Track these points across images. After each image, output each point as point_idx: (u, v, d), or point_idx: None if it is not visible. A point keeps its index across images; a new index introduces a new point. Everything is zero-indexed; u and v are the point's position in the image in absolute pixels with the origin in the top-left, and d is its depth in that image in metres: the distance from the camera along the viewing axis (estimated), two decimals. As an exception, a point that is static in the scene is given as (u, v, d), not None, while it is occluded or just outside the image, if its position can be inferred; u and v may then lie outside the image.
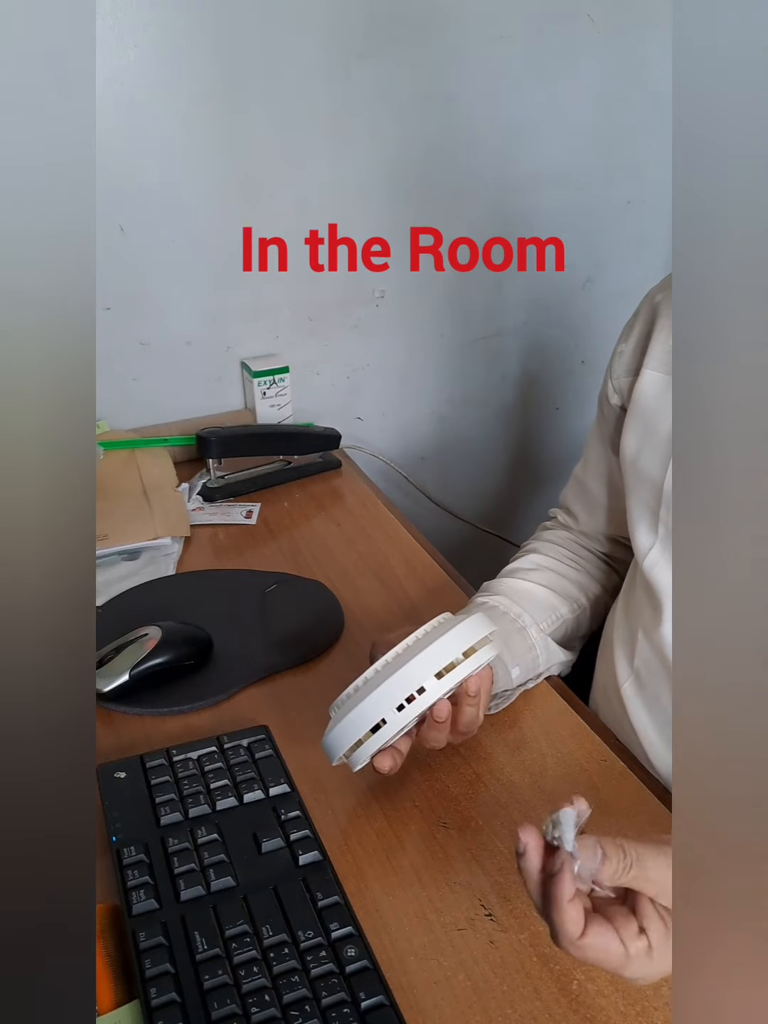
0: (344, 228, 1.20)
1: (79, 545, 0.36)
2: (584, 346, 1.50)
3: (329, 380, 1.32)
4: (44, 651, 0.35)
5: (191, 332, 1.18)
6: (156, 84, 1.02)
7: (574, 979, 0.52)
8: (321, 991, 0.48)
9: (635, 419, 0.73)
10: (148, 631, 0.76)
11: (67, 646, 0.35)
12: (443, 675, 0.57)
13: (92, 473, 0.39)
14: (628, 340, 0.76)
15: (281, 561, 0.95)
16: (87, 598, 0.37)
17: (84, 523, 0.36)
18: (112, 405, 1.16)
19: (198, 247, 1.13)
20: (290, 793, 0.62)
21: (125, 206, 1.06)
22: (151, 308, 1.14)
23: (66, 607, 0.35)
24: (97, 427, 1.16)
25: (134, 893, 0.54)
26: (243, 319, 1.21)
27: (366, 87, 1.13)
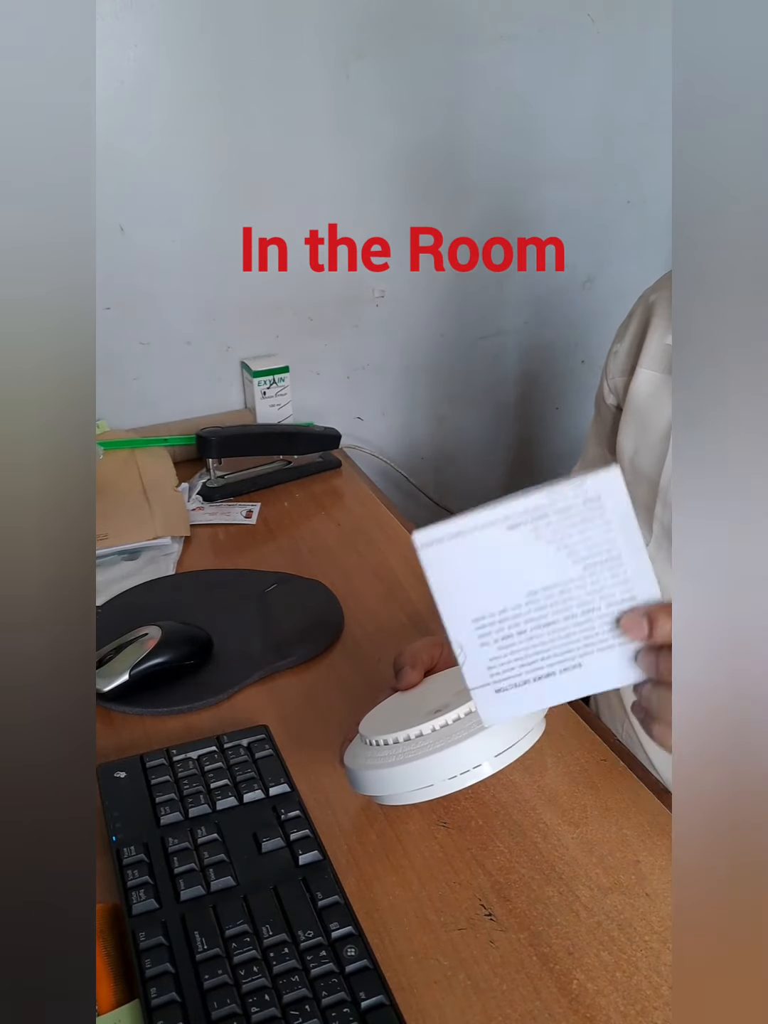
0: (344, 228, 1.20)
1: (79, 545, 0.36)
2: (584, 345, 1.50)
3: (329, 380, 1.32)
4: (44, 651, 0.35)
5: (191, 332, 1.18)
6: (156, 84, 1.02)
7: (574, 979, 0.52)
8: (321, 991, 0.48)
9: (631, 418, 0.73)
10: (148, 631, 0.76)
11: (67, 646, 0.35)
12: (501, 754, 0.55)
13: (92, 473, 0.39)
14: (623, 340, 0.76)
15: (281, 561, 0.95)
16: (87, 598, 0.37)
17: (84, 523, 0.36)
18: (112, 405, 1.16)
19: (198, 247, 1.13)
20: (290, 793, 0.62)
21: (125, 206, 1.06)
22: (151, 308, 1.14)
23: (66, 607, 0.35)
24: (97, 427, 1.16)
25: (134, 893, 0.54)
26: (243, 319, 1.21)
27: (366, 87, 1.13)
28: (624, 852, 0.59)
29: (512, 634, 0.50)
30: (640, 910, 0.55)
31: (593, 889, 0.57)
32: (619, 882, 0.57)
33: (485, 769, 0.55)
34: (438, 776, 0.54)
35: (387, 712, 0.62)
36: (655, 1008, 0.50)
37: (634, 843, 0.60)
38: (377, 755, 0.56)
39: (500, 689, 0.51)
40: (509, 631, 0.50)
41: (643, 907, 0.56)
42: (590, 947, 0.53)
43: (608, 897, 0.56)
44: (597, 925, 0.55)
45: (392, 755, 0.56)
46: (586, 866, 0.58)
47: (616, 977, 0.52)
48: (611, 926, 0.54)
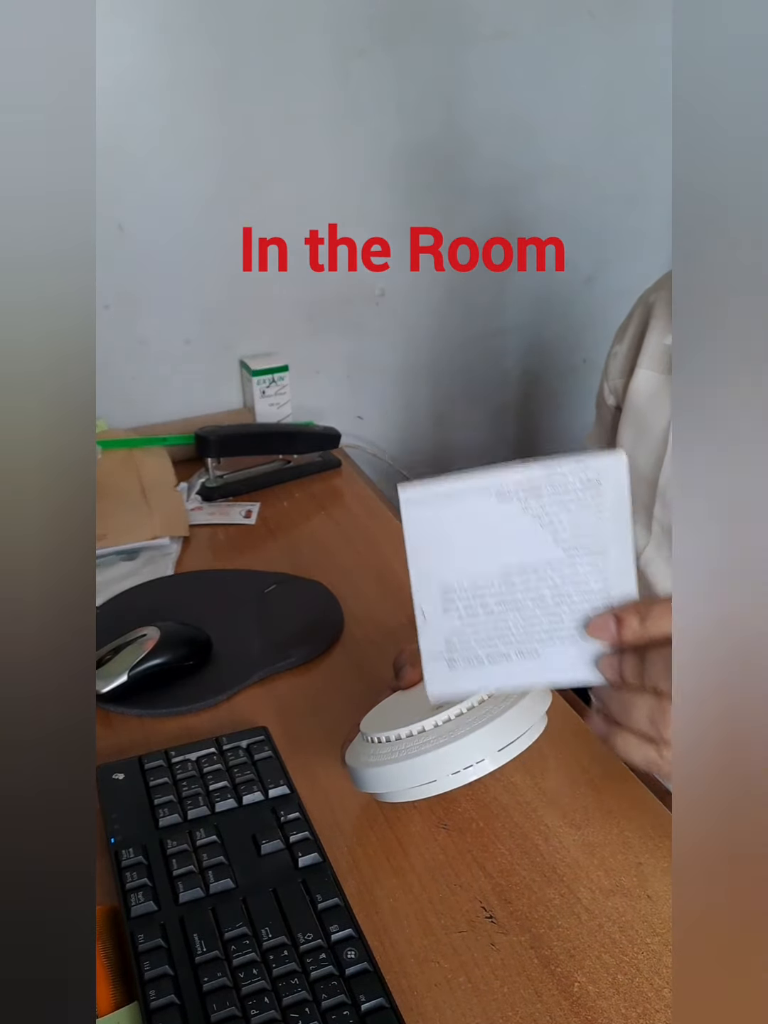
0: (344, 228, 1.20)
1: (79, 545, 0.36)
2: (585, 344, 1.50)
3: (329, 379, 1.31)
4: (44, 651, 0.34)
5: (190, 331, 1.18)
6: (156, 83, 1.02)
7: (575, 981, 0.51)
8: (321, 993, 0.48)
9: (630, 418, 0.73)
10: (147, 631, 0.75)
11: (67, 646, 0.35)
12: (503, 749, 0.55)
13: (92, 473, 0.39)
14: (623, 341, 0.77)
15: (281, 561, 0.95)
16: (87, 598, 0.37)
17: (84, 523, 0.36)
18: (111, 404, 1.16)
19: (198, 247, 1.13)
20: (290, 795, 0.62)
21: (125, 206, 1.06)
22: (151, 307, 1.14)
23: (66, 607, 0.35)
24: (96, 426, 1.15)
25: (133, 895, 0.54)
26: (242, 318, 1.21)
27: (366, 85, 1.13)
28: (626, 854, 0.59)
29: (478, 610, 0.49)
30: (642, 912, 0.55)
31: (595, 891, 0.57)
32: (621, 884, 0.57)
33: (487, 764, 0.55)
34: (441, 772, 0.54)
35: (388, 711, 0.62)
36: (657, 1011, 0.50)
37: (636, 845, 0.60)
38: (379, 752, 0.56)
39: (452, 662, 0.50)
40: (475, 606, 0.49)
41: (645, 909, 0.55)
42: (591, 949, 0.53)
43: (610, 899, 0.56)
44: (599, 927, 0.54)
45: (394, 751, 0.55)
46: (587, 868, 0.58)
47: (618, 979, 0.51)
48: (613, 928, 0.54)
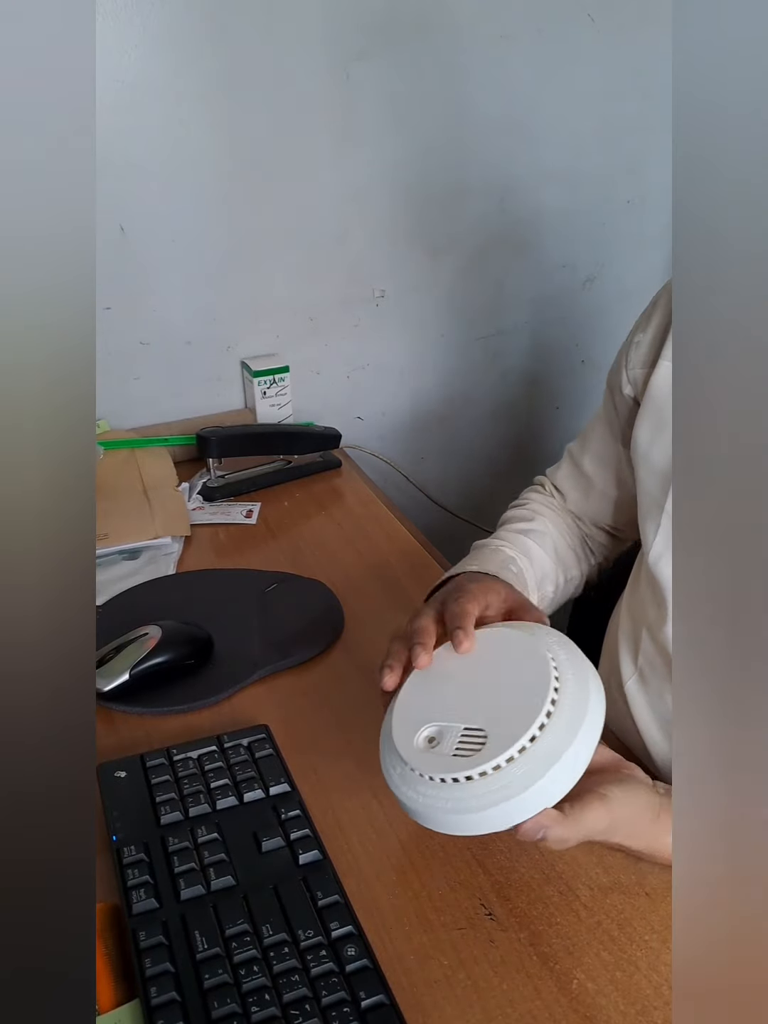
0: (344, 229, 1.20)
1: (79, 544, 0.36)
2: (584, 345, 1.50)
3: (329, 380, 1.32)
4: (44, 650, 0.35)
5: (191, 332, 1.18)
6: (156, 84, 1.02)
7: (574, 978, 0.52)
8: (321, 990, 0.48)
9: (650, 411, 0.70)
10: (148, 630, 0.76)
11: (67, 645, 0.35)
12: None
13: (92, 473, 0.39)
14: (647, 330, 0.73)
15: (281, 561, 0.95)
16: (87, 597, 0.37)
17: (84, 522, 0.36)
18: (112, 405, 1.16)
19: (198, 247, 1.13)
20: (290, 792, 0.62)
21: (125, 206, 1.06)
22: (151, 308, 1.14)
23: (66, 606, 0.35)
24: (97, 427, 1.16)
25: (134, 892, 0.54)
26: (243, 319, 1.21)
27: (366, 88, 1.13)
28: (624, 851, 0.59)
29: None
30: (640, 909, 0.55)
31: (593, 888, 0.57)
32: (619, 881, 0.57)
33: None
34: (521, 817, 0.50)
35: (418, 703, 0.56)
36: (655, 1007, 0.50)
37: (634, 842, 0.60)
38: (451, 795, 0.50)
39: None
40: None
41: (643, 906, 0.56)
42: (590, 946, 0.53)
43: (608, 896, 0.56)
44: (597, 924, 0.55)
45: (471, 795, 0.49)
46: (586, 866, 0.58)
47: (616, 976, 0.52)
48: (611, 925, 0.54)
